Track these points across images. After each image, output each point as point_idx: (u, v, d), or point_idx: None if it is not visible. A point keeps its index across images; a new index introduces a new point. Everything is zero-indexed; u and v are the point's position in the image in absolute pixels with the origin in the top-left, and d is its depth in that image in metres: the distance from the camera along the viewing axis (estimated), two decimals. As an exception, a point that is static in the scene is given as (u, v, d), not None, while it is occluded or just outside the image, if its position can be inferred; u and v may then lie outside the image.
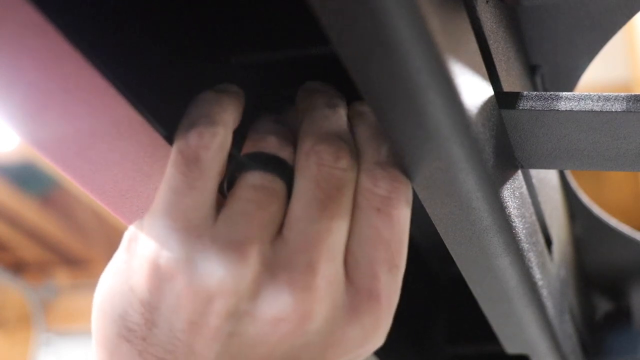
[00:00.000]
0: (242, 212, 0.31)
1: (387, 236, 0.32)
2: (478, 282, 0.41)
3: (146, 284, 0.31)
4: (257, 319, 0.31)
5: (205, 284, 0.30)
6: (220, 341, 0.31)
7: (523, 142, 0.36)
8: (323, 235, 0.31)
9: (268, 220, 0.31)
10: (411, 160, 0.31)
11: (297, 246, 0.31)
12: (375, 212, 0.32)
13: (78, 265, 3.28)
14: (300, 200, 0.32)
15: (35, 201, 2.90)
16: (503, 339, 0.50)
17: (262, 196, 0.32)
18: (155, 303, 0.31)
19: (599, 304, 0.72)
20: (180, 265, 0.30)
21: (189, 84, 0.35)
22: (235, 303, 0.30)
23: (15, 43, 0.27)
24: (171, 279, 0.31)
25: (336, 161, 0.32)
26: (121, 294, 0.32)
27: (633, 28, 1.88)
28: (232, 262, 0.30)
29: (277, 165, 0.32)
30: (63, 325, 3.26)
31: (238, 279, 0.30)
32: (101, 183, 0.35)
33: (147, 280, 0.31)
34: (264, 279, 0.31)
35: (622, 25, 0.44)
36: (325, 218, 0.31)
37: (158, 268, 0.31)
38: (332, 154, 0.32)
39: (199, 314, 0.30)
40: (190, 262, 0.30)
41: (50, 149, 0.33)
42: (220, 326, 0.30)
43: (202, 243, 0.31)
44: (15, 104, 0.30)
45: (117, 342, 0.32)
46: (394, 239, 0.32)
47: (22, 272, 3.32)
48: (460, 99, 0.27)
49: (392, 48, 0.24)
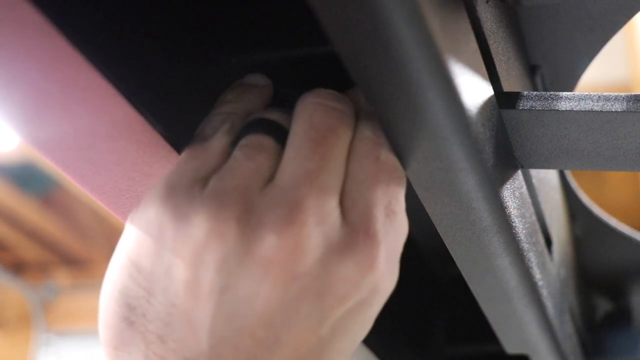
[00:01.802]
0: (229, 167, 0.32)
1: (384, 180, 0.32)
2: (478, 282, 0.41)
3: (142, 245, 0.31)
4: (247, 264, 0.30)
5: (193, 234, 0.30)
6: (214, 299, 0.30)
7: (523, 142, 0.36)
8: (313, 174, 0.31)
9: (254, 169, 0.31)
10: (411, 160, 0.31)
11: (285, 185, 0.31)
12: (373, 158, 0.32)
13: (78, 265, 3.28)
14: (293, 141, 0.32)
15: (35, 201, 2.90)
16: (503, 339, 0.50)
17: (246, 150, 0.32)
18: (151, 266, 0.31)
19: (599, 304, 0.72)
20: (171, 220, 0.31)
21: (188, 83, 0.35)
22: (223, 251, 0.30)
23: (15, 43, 0.27)
24: (162, 232, 0.31)
25: (335, 100, 0.32)
26: (119, 268, 0.32)
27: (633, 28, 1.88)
28: (214, 210, 0.30)
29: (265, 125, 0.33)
30: (63, 325, 3.26)
31: (221, 224, 0.30)
32: (101, 183, 0.35)
33: (142, 240, 0.31)
34: (251, 223, 0.30)
35: (622, 25, 0.44)
36: (317, 157, 0.31)
37: (150, 227, 0.31)
38: (334, 95, 0.32)
39: (191, 268, 0.30)
40: (180, 216, 0.31)
41: (50, 149, 0.33)
42: (213, 281, 0.30)
43: (191, 197, 0.31)
44: (15, 104, 0.30)
45: (120, 329, 0.32)
46: (392, 184, 0.32)
47: (22, 272, 3.32)
48: (460, 99, 0.27)
49: (392, 48, 0.24)
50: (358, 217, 0.31)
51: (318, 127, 0.32)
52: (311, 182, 0.30)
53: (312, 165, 0.31)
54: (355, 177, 0.32)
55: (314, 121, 0.32)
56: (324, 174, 0.31)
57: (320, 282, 0.31)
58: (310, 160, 0.31)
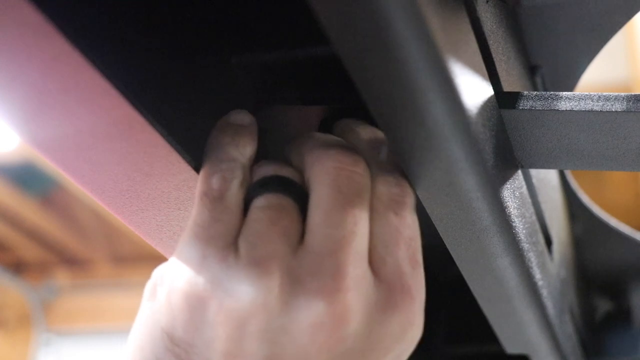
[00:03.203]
0: (255, 231, 0.32)
1: (407, 235, 0.33)
2: (478, 282, 0.41)
3: (179, 318, 0.31)
4: (292, 331, 0.31)
5: (236, 304, 0.31)
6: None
7: (523, 142, 0.36)
8: (348, 239, 0.32)
9: (282, 234, 0.32)
10: (411, 160, 0.31)
11: (322, 251, 0.31)
12: (393, 214, 0.33)
13: (78, 265, 3.28)
14: (321, 206, 0.32)
15: (35, 201, 2.90)
16: (503, 339, 0.50)
17: (270, 213, 0.32)
18: (190, 339, 0.31)
19: (599, 304, 0.72)
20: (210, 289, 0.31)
21: (189, 83, 0.35)
22: (267, 319, 0.30)
23: (15, 43, 0.27)
24: (203, 305, 0.31)
25: (355, 165, 0.33)
26: (152, 342, 0.32)
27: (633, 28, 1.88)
28: (256, 278, 0.31)
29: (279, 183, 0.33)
30: (63, 325, 3.26)
31: (265, 293, 0.30)
32: (101, 183, 0.35)
33: (180, 313, 0.31)
34: (292, 289, 0.31)
35: (622, 25, 0.44)
36: (350, 222, 0.32)
37: (189, 296, 0.31)
38: (350, 157, 0.33)
39: (234, 341, 0.31)
40: (218, 285, 0.31)
41: (50, 149, 0.33)
42: (257, 351, 0.31)
43: (227, 267, 0.31)
44: (15, 104, 0.30)
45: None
46: (413, 238, 0.34)
47: (22, 272, 3.32)
48: (460, 99, 0.27)
49: (392, 48, 0.24)
50: (390, 274, 0.33)
51: (345, 192, 0.32)
52: (348, 248, 0.31)
53: (346, 232, 0.32)
54: (380, 236, 0.33)
55: (340, 187, 0.32)
56: (356, 239, 0.32)
57: (365, 341, 0.32)
58: (342, 227, 0.32)
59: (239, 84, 0.37)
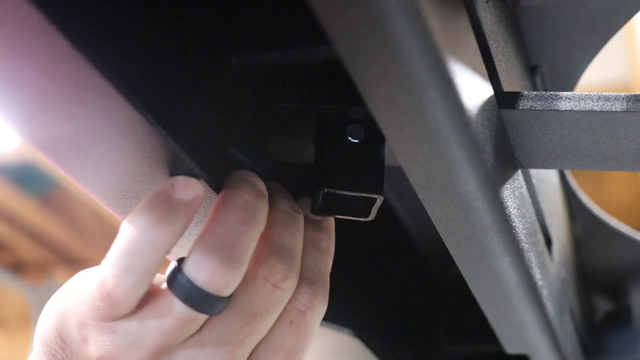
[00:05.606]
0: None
1: (289, 346, 0.36)
2: (478, 282, 0.41)
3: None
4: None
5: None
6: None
7: (523, 142, 0.36)
8: (234, 346, 0.34)
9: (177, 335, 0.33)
10: (411, 161, 0.31)
11: (208, 346, 0.34)
12: (287, 324, 0.35)
13: (78, 265, 3.28)
14: (230, 309, 0.34)
15: (35, 201, 2.90)
16: (503, 339, 0.50)
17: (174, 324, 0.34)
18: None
19: (599, 304, 0.72)
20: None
21: (189, 84, 0.35)
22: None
23: (15, 43, 0.27)
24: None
25: (282, 282, 0.35)
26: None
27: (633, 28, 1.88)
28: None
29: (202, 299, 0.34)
30: (63, 325, 3.25)
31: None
32: (101, 183, 0.35)
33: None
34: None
35: (622, 25, 0.44)
36: (242, 334, 0.34)
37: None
38: (282, 272, 0.35)
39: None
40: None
41: (50, 149, 0.33)
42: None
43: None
44: (15, 104, 0.30)
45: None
46: (295, 350, 0.36)
47: (22, 272, 3.32)
48: (460, 99, 0.27)
49: (392, 48, 0.24)
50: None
51: (257, 304, 0.35)
52: (228, 356, 0.35)
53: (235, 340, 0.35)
54: (266, 341, 0.36)
55: (256, 297, 0.35)
56: (240, 349, 0.35)
57: None
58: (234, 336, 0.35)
59: (239, 84, 0.37)
